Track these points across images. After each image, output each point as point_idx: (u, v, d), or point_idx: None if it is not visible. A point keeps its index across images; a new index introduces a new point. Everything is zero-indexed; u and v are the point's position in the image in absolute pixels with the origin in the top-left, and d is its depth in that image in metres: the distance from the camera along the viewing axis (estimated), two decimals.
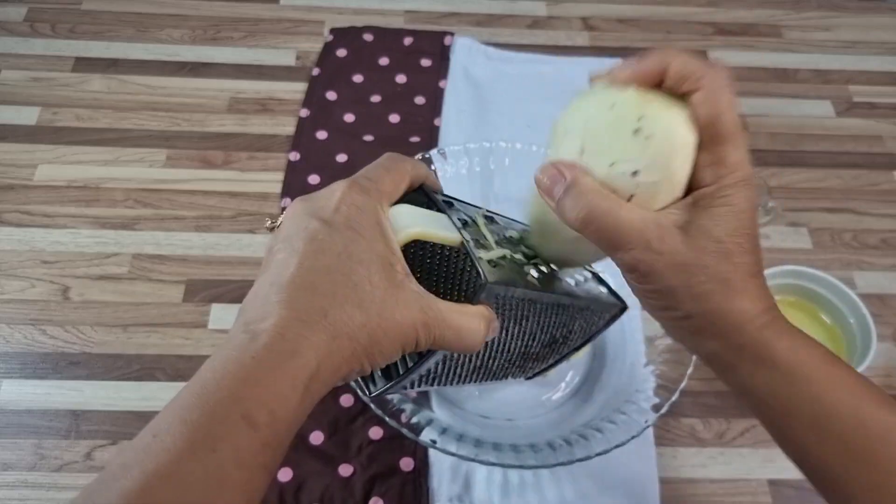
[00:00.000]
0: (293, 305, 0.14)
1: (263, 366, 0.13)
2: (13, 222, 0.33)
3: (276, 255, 0.15)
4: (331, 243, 0.15)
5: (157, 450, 0.12)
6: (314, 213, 0.15)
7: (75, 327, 0.30)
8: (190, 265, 0.32)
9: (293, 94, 0.38)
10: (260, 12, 0.42)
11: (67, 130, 0.36)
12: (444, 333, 0.15)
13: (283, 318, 0.14)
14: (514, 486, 0.26)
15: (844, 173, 0.37)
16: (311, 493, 0.26)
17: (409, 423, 0.23)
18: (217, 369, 0.13)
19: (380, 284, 0.15)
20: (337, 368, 0.14)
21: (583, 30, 0.42)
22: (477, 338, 0.16)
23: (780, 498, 0.27)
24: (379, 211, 0.16)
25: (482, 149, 0.31)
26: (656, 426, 0.28)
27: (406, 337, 0.15)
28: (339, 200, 0.16)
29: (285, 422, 0.13)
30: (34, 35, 0.40)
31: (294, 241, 0.15)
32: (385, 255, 0.15)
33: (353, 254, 0.15)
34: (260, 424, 0.13)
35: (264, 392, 0.13)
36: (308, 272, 0.14)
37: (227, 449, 0.12)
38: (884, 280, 0.33)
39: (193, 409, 0.13)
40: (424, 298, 0.15)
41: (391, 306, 0.15)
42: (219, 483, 0.12)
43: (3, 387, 0.28)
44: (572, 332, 0.23)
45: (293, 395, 0.13)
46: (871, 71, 0.41)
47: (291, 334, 0.14)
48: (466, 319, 0.16)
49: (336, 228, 0.15)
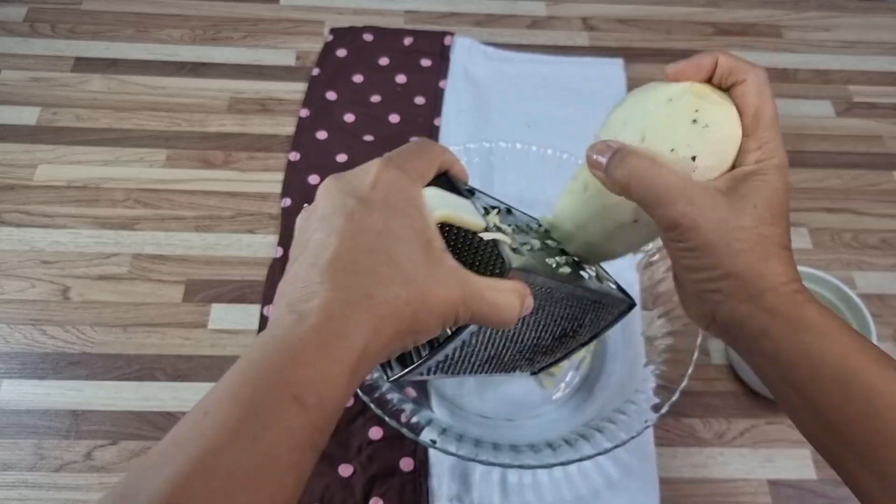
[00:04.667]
0: (337, 286, 0.14)
1: (312, 347, 0.13)
2: (13, 222, 0.33)
3: (313, 235, 0.15)
4: (370, 221, 0.15)
5: (208, 427, 0.12)
6: (351, 191, 0.15)
7: (75, 327, 0.30)
8: (190, 265, 0.32)
9: (293, 94, 0.38)
10: (260, 12, 0.42)
11: (67, 130, 0.36)
12: (482, 308, 0.16)
13: (328, 299, 0.14)
14: (514, 486, 0.26)
15: (844, 173, 0.37)
16: (311, 493, 0.26)
17: (408, 423, 0.23)
18: (265, 349, 0.13)
19: (420, 261, 0.15)
20: (383, 347, 0.14)
21: (583, 30, 0.42)
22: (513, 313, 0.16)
23: (779, 498, 0.27)
24: (414, 190, 0.16)
25: (482, 149, 0.31)
26: (656, 426, 0.28)
27: (447, 312, 0.15)
28: (376, 178, 0.15)
29: (333, 403, 0.13)
30: (34, 35, 0.40)
31: (332, 220, 0.15)
32: (424, 231, 0.15)
33: (393, 231, 0.15)
34: (310, 406, 0.13)
35: (313, 374, 0.13)
36: (349, 252, 0.14)
37: (278, 430, 0.12)
38: (883, 280, 0.33)
39: (243, 388, 0.12)
40: (462, 274, 0.15)
41: (433, 283, 0.15)
42: (270, 464, 0.12)
43: (2, 387, 0.28)
44: (583, 325, 0.23)
45: (341, 377, 0.13)
46: (870, 71, 0.41)
47: (339, 315, 0.13)
48: (502, 295, 0.16)
49: (374, 206, 0.15)
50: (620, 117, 0.18)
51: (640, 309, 0.29)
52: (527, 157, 0.31)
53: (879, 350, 0.15)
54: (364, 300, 0.14)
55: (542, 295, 0.19)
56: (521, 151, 0.31)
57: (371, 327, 0.14)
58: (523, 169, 0.31)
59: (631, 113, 0.18)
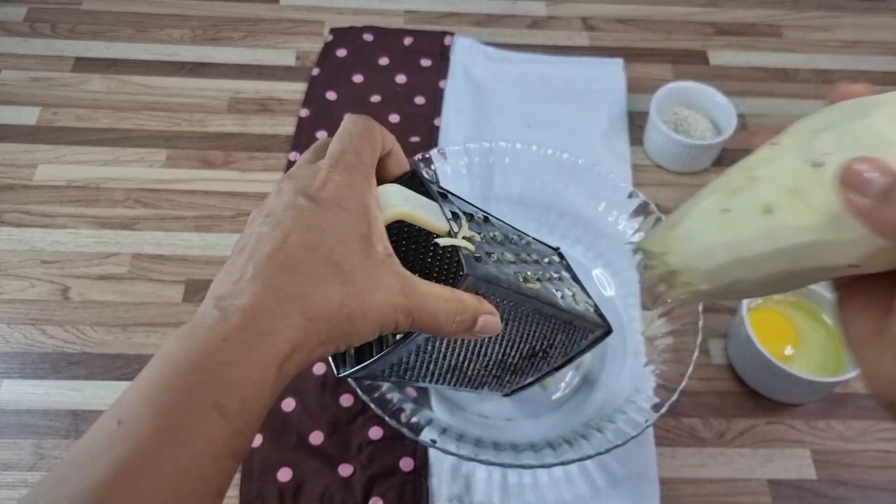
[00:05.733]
0: (270, 283, 0.13)
1: (235, 348, 0.13)
2: (13, 222, 0.33)
3: (259, 228, 0.14)
4: (316, 220, 0.14)
5: (123, 438, 0.11)
6: (301, 189, 0.15)
7: (75, 327, 0.30)
8: (190, 265, 0.32)
9: (293, 94, 0.38)
10: (260, 12, 0.42)
11: (67, 130, 0.36)
12: (422, 316, 0.15)
13: (258, 297, 0.13)
14: (514, 486, 0.26)
15: None
16: (311, 492, 0.26)
17: (408, 423, 0.23)
18: (186, 349, 0.13)
19: (361, 264, 0.14)
20: (312, 350, 0.14)
21: (583, 30, 0.42)
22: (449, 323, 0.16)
23: (779, 498, 0.27)
24: (365, 188, 0.15)
25: (482, 148, 0.31)
26: (656, 426, 0.28)
27: (385, 318, 0.15)
28: (326, 177, 0.15)
29: (256, 407, 0.13)
30: (34, 35, 0.40)
31: (279, 215, 0.14)
32: (368, 234, 0.15)
33: (337, 232, 0.14)
34: (231, 412, 0.12)
35: (236, 377, 0.12)
36: (290, 248, 0.14)
37: (198, 439, 0.12)
38: None
39: (162, 393, 0.12)
40: (406, 280, 0.15)
41: (371, 287, 0.14)
42: (191, 475, 0.12)
43: (2, 386, 0.28)
44: (553, 346, 0.23)
45: (265, 379, 0.13)
46: (871, 71, 0.41)
47: (266, 314, 0.13)
48: (443, 303, 0.15)
49: (322, 205, 0.15)
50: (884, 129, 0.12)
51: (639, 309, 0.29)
52: (527, 157, 0.31)
53: None
54: (296, 300, 0.13)
55: (505, 308, 0.19)
56: (521, 151, 0.31)
57: (300, 329, 0.13)
58: (523, 169, 0.31)
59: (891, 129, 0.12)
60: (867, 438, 0.28)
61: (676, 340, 0.26)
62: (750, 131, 0.38)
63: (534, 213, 0.32)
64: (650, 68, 0.41)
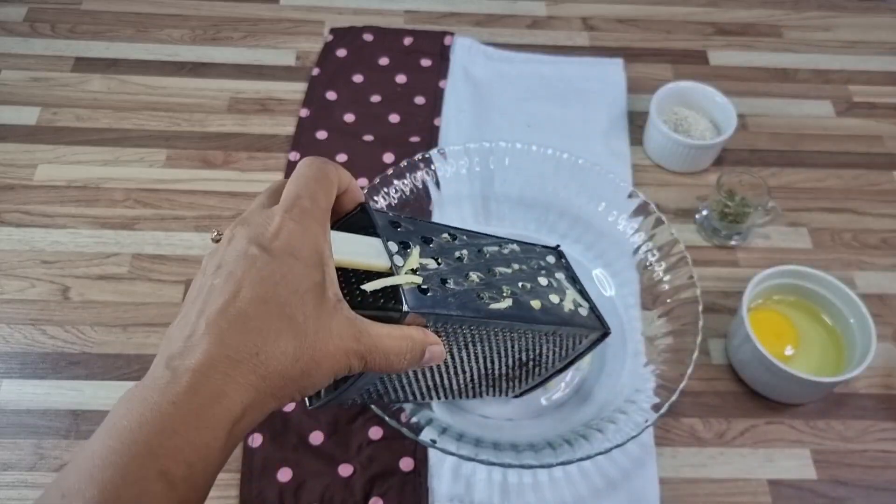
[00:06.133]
0: (223, 340, 0.13)
1: (183, 412, 0.12)
2: (13, 222, 0.33)
3: (210, 280, 0.14)
4: (269, 272, 0.14)
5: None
6: (254, 238, 0.15)
7: (75, 327, 0.30)
8: (190, 265, 0.32)
9: (293, 94, 0.38)
10: (260, 12, 0.42)
11: (67, 130, 0.36)
12: (375, 357, 0.15)
13: (209, 356, 0.13)
14: (514, 486, 0.26)
15: (844, 173, 0.37)
16: (311, 492, 0.26)
17: (409, 423, 0.23)
18: (133, 416, 0.12)
19: (313, 314, 0.14)
20: (263, 406, 0.14)
21: (582, 30, 0.42)
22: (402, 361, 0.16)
23: (779, 498, 0.27)
24: (319, 233, 0.15)
25: (482, 148, 0.31)
26: (656, 426, 0.28)
27: (338, 365, 0.15)
28: (279, 226, 0.15)
29: (204, 473, 0.13)
30: (34, 35, 0.40)
31: (231, 266, 0.14)
32: (321, 281, 0.15)
33: (290, 282, 0.14)
34: (177, 480, 0.12)
35: (183, 443, 0.12)
36: (242, 302, 0.14)
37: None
38: (884, 280, 0.33)
39: (107, 466, 0.12)
40: (357, 324, 0.15)
41: (325, 336, 0.14)
42: None
43: (2, 386, 0.28)
44: (542, 355, 0.23)
45: (214, 443, 0.13)
46: (870, 71, 0.41)
47: (218, 375, 0.13)
48: (395, 342, 0.16)
49: (275, 256, 0.14)
50: None
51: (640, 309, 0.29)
52: (527, 157, 0.31)
53: None
54: (250, 358, 0.13)
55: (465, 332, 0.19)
56: (521, 151, 0.31)
57: (252, 388, 0.13)
58: (523, 169, 0.31)
59: None
60: (867, 438, 0.28)
61: (676, 340, 0.26)
62: (750, 131, 0.38)
63: (534, 213, 0.32)
64: (650, 68, 0.41)
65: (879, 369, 0.30)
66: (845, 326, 0.29)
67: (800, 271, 0.30)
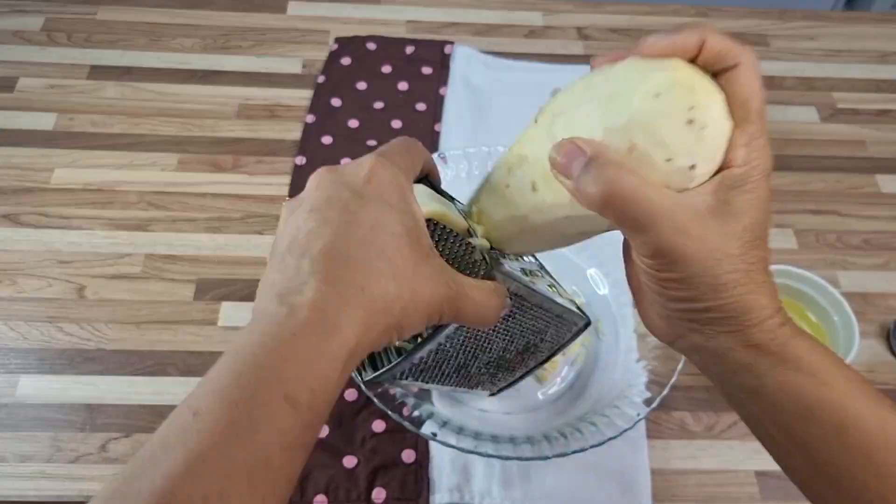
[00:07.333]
0: (329, 278, 0.13)
1: (304, 343, 0.13)
2: (31, 224, 0.34)
3: (304, 225, 0.14)
4: (364, 214, 0.14)
5: (198, 429, 0.12)
6: (345, 183, 0.15)
7: (91, 324, 0.31)
8: (201, 265, 0.33)
9: (299, 100, 0.39)
10: (268, 22, 0.43)
11: (83, 136, 0.37)
12: (467, 306, 0.15)
13: (320, 292, 0.13)
14: (512, 477, 0.27)
15: (829, 177, 0.38)
16: (317, 483, 0.27)
17: (410, 417, 0.24)
18: (255, 344, 0.13)
19: (410, 257, 0.14)
20: (372, 342, 0.14)
21: (578, 39, 0.44)
22: (496, 311, 0.16)
23: (766, 488, 0.28)
24: (406, 184, 0.15)
25: (481, 153, 0.32)
26: (648, 420, 0.29)
27: (433, 309, 0.15)
28: (370, 171, 0.15)
29: (325, 400, 0.13)
30: (51, 44, 0.41)
31: (325, 211, 0.14)
32: (414, 227, 0.15)
33: (386, 225, 0.14)
34: (301, 405, 0.12)
35: (305, 371, 0.13)
36: (342, 243, 0.14)
37: (270, 431, 0.12)
38: (866, 279, 0.34)
39: (234, 387, 0.12)
40: (449, 272, 0.15)
41: (422, 279, 0.14)
42: (263, 465, 0.12)
43: (21, 382, 0.29)
44: (544, 340, 0.24)
45: (333, 373, 0.13)
46: (854, 78, 0.42)
47: (331, 309, 0.13)
48: (485, 294, 0.16)
49: (368, 199, 0.14)
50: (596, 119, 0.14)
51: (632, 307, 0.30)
52: None
53: (874, 390, 0.14)
54: (356, 294, 0.13)
55: (514, 302, 0.19)
56: None
57: (362, 322, 0.13)
58: None
59: (611, 113, 0.14)
60: None
61: None
62: None
63: None
64: None
65: (863, 365, 0.31)
66: (829, 324, 0.30)
67: (786, 271, 0.31)
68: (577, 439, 0.24)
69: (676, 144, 0.13)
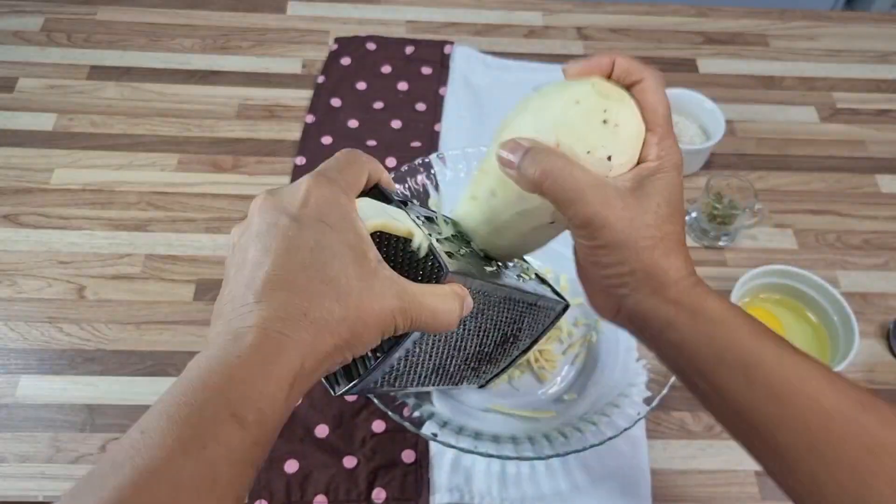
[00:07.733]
0: (273, 305, 0.14)
1: (249, 365, 0.13)
2: (31, 224, 0.34)
3: (247, 254, 0.15)
4: (302, 239, 0.15)
5: (146, 446, 0.12)
6: (283, 208, 0.15)
7: (90, 325, 0.31)
8: (200, 265, 0.33)
9: (299, 100, 0.39)
10: (267, 22, 0.43)
11: (83, 136, 0.37)
12: (422, 314, 0.16)
13: (264, 319, 0.14)
14: (512, 477, 0.27)
15: (828, 177, 0.38)
16: (317, 484, 0.27)
17: (410, 417, 0.24)
18: (203, 369, 0.13)
19: (355, 275, 0.15)
20: (320, 363, 0.14)
21: (577, 39, 0.44)
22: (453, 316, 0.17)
23: (766, 488, 0.28)
24: (346, 201, 0.16)
25: (480, 153, 0.32)
26: (648, 419, 0.29)
27: (385, 324, 0.15)
28: (306, 194, 0.15)
29: (273, 419, 0.13)
30: (51, 44, 0.41)
31: (265, 238, 0.15)
32: (357, 244, 0.15)
33: (326, 247, 0.15)
34: (249, 423, 0.13)
35: (251, 391, 0.13)
36: (283, 270, 0.14)
37: (218, 447, 0.12)
38: (866, 279, 0.34)
39: (182, 406, 0.12)
40: (398, 283, 0.15)
41: (368, 296, 0.15)
42: (210, 480, 0.12)
43: (21, 382, 0.29)
44: (522, 329, 0.23)
45: (280, 393, 0.13)
46: (853, 78, 0.43)
47: (275, 333, 0.14)
48: (440, 299, 0.16)
49: (306, 223, 0.15)
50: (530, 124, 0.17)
51: None
52: None
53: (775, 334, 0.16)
54: (299, 319, 0.14)
55: (479, 299, 0.19)
56: None
57: (307, 345, 0.14)
58: None
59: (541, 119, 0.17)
60: None
61: None
62: (737, 136, 0.40)
63: None
64: None
65: (862, 365, 0.31)
66: (829, 323, 0.30)
67: (786, 271, 0.31)
68: (577, 439, 0.24)
69: (594, 139, 0.17)
